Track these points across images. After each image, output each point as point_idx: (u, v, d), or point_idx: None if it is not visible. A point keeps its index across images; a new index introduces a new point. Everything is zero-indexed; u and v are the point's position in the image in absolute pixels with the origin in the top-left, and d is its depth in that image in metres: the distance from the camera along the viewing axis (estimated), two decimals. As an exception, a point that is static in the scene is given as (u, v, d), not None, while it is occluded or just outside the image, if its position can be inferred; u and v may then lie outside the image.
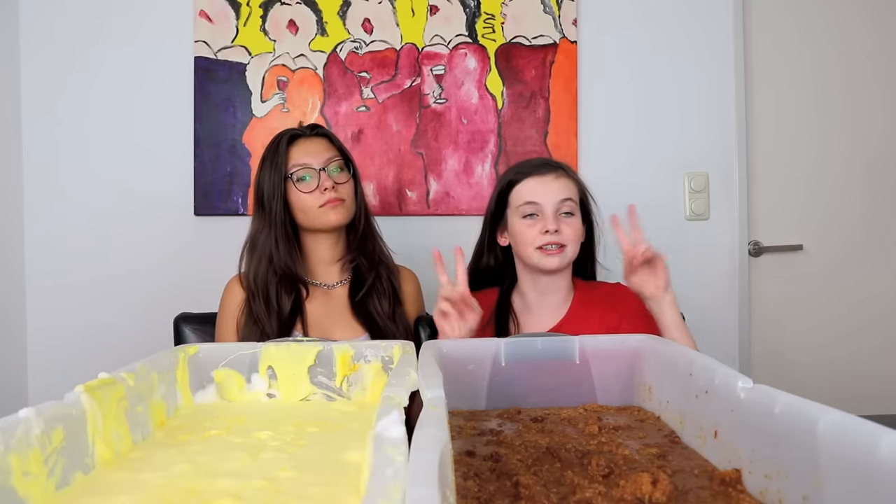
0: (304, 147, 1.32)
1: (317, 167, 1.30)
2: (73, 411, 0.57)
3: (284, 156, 1.30)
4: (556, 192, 1.24)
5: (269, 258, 1.29)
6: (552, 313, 1.29)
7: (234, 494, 0.52)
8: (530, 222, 1.24)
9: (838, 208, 1.99)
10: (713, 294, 1.92)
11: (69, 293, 1.77)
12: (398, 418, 0.48)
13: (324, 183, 1.29)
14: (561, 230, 1.22)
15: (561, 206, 1.23)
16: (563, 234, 1.22)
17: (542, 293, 1.29)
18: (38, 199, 1.77)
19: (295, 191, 1.30)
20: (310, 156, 1.31)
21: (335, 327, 1.31)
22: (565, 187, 1.25)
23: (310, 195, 1.29)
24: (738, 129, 1.92)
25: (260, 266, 1.30)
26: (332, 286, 1.36)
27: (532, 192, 1.25)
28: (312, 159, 1.30)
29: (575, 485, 0.56)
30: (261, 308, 1.27)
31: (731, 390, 0.58)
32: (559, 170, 1.27)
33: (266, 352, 0.84)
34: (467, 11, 1.84)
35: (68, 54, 1.78)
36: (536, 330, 1.28)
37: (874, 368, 1.99)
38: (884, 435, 0.40)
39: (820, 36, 1.99)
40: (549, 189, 1.24)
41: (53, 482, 0.52)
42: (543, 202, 1.23)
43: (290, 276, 1.30)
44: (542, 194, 1.24)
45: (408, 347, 0.82)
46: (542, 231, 1.21)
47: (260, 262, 1.30)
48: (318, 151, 1.32)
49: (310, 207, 1.29)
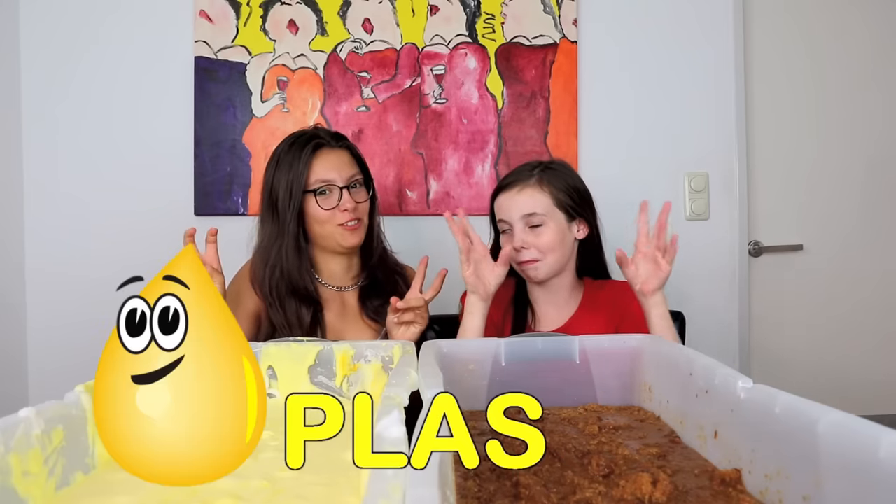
0: (329, 160, 1.25)
1: (340, 185, 1.24)
2: (73, 411, 0.57)
3: (307, 166, 1.23)
4: (518, 207, 1.23)
5: (282, 270, 1.25)
6: (559, 310, 1.30)
7: (234, 494, 0.52)
8: (506, 238, 1.26)
9: (838, 208, 1.99)
10: (713, 294, 1.92)
11: (69, 293, 1.77)
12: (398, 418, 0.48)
13: (345, 203, 1.23)
14: (529, 244, 1.22)
15: (527, 220, 1.23)
16: (532, 250, 1.22)
17: (545, 291, 1.30)
18: (38, 198, 1.77)
19: (314, 203, 1.24)
20: (334, 171, 1.24)
21: (349, 329, 1.30)
22: (529, 200, 1.23)
23: (329, 212, 1.24)
24: (738, 129, 1.92)
25: (273, 277, 1.24)
26: (343, 289, 1.34)
27: (500, 208, 1.27)
28: (337, 175, 1.24)
29: (575, 485, 0.56)
30: (281, 320, 1.24)
31: (731, 390, 0.58)
32: (531, 178, 1.25)
33: (266, 351, 0.84)
34: (467, 11, 1.83)
35: (69, 54, 1.77)
36: (550, 322, 1.29)
37: (874, 368, 1.99)
38: (884, 435, 0.40)
39: (820, 36, 1.99)
40: (511, 205, 1.24)
41: (54, 482, 0.52)
42: (509, 218, 1.24)
43: (304, 291, 1.26)
44: (506, 211, 1.25)
45: (408, 347, 0.82)
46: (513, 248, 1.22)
47: (273, 273, 1.25)
48: (341, 166, 1.25)
49: (325, 223, 1.24)
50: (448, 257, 1.13)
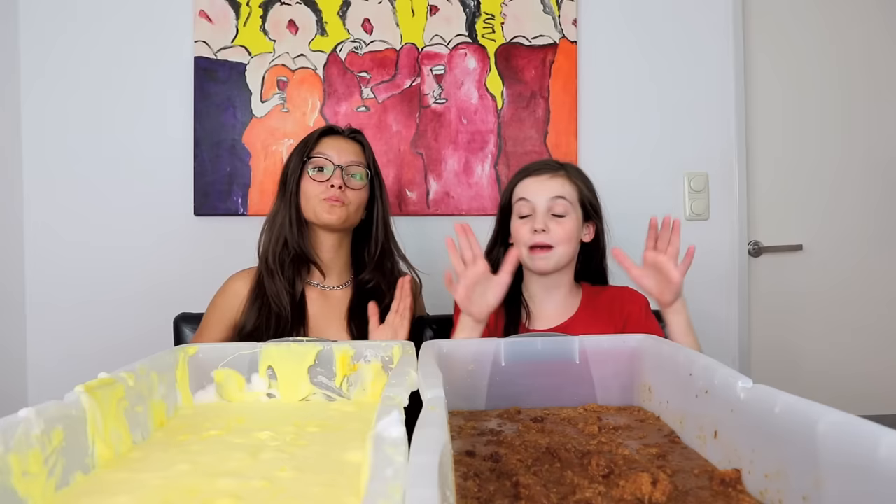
0: (335, 143, 1.33)
1: (336, 163, 1.31)
2: (72, 411, 0.57)
3: (314, 143, 1.32)
4: (548, 190, 1.23)
5: (285, 238, 1.32)
6: (558, 312, 1.29)
7: (234, 495, 0.52)
8: (523, 222, 1.25)
9: (838, 208, 1.99)
10: (713, 294, 1.92)
11: (69, 293, 1.77)
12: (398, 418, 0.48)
13: (334, 179, 1.29)
14: (550, 229, 1.21)
15: (552, 204, 1.23)
16: (552, 235, 1.21)
17: (545, 288, 1.29)
18: (37, 198, 1.77)
19: (307, 177, 1.31)
20: (334, 151, 1.32)
21: (329, 328, 1.31)
22: (559, 186, 1.24)
23: (317, 184, 1.30)
24: (738, 129, 1.92)
25: (278, 244, 1.31)
26: (331, 288, 1.36)
27: (525, 189, 1.26)
28: (336, 154, 1.31)
29: (575, 485, 0.56)
30: (275, 287, 1.28)
31: (731, 390, 0.58)
32: (560, 170, 1.27)
33: (266, 352, 0.84)
34: (467, 11, 1.83)
35: (68, 54, 1.78)
36: (546, 322, 1.28)
37: (874, 368, 1.99)
38: (884, 435, 0.40)
39: (820, 36, 1.99)
40: (541, 187, 1.24)
41: (53, 482, 0.52)
42: (534, 200, 1.24)
43: (302, 257, 1.32)
44: (533, 192, 1.24)
45: (408, 347, 0.82)
46: (531, 230, 1.22)
47: (278, 240, 1.32)
48: (345, 150, 1.32)
49: (312, 196, 1.30)
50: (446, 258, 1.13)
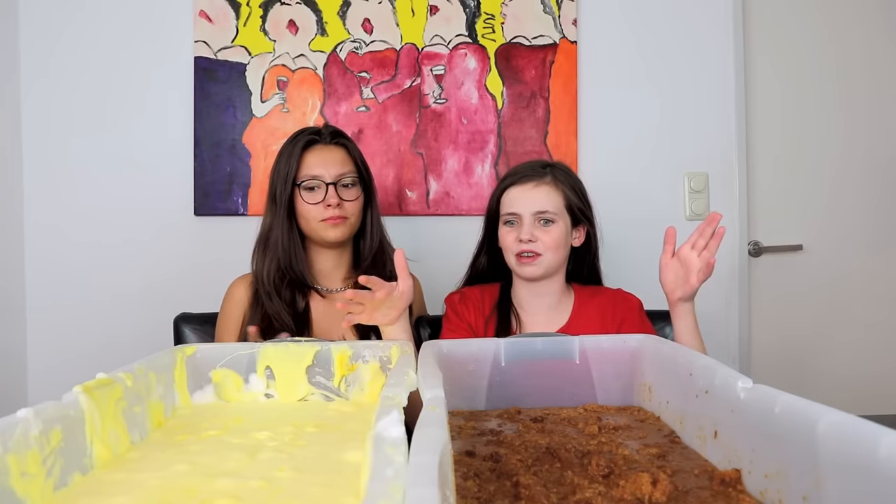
0: (320, 156, 1.29)
1: (327, 181, 1.27)
2: (71, 412, 0.57)
3: (297, 160, 1.27)
4: (533, 201, 1.23)
5: (279, 259, 1.28)
6: (549, 317, 1.28)
7: (233, 495, 0.52)
8: (509, 229, 1.25)
9: (838, 208, 1.99)
10: (713, 294, 1.91)
11: (69, 293, 1.77)
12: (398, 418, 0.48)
13: (330, 199, 1.26)
14: (536, 238, 1.22)
15: (538, 215, 1.23)
16: (539, 243, 1.22)
17: (534, 295, 1.29)
18: (37, 198, 1.77)
19: (300, 199, 1.28)
20: (322, 167, 1.28)
21: (333, 330, 1.30)
22: (545, 196, 1.24)
23: (314, 206, 1.27)
24: (738, 129, 1.91)
25: (271, 265, 1.28)
26: (333, 291, 1.35)
27: (511, 201, 1.26)
28: (324, 171, 1.27)
29: (575, 485, 0.56)
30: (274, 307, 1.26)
31: (731, 390, 0.58)
32: (546, 176, 1.26)
33: (264, 352, 0.84)
34: (467, 11, 1.83)
35: (68, 54, 1.77)
36: (536, 328, 1.28)
37: (874, 368, 1.99)
38: (884, 435, 0.40)
39: (820, 36, 1.99)
40: (526, 198, 1.24)
41: (52, 483, 0.52)
42: (520, 211, 1.24)
43: (298, 280, 1.29)
44: (519, 204, 1.25)
45: (406, 348, 0.82)
46: (517, 239, 1.22)
47: (272, 261, 1.28)
48: (332, 163, 1.28)
49: (311, 219, 1.28)
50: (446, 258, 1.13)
